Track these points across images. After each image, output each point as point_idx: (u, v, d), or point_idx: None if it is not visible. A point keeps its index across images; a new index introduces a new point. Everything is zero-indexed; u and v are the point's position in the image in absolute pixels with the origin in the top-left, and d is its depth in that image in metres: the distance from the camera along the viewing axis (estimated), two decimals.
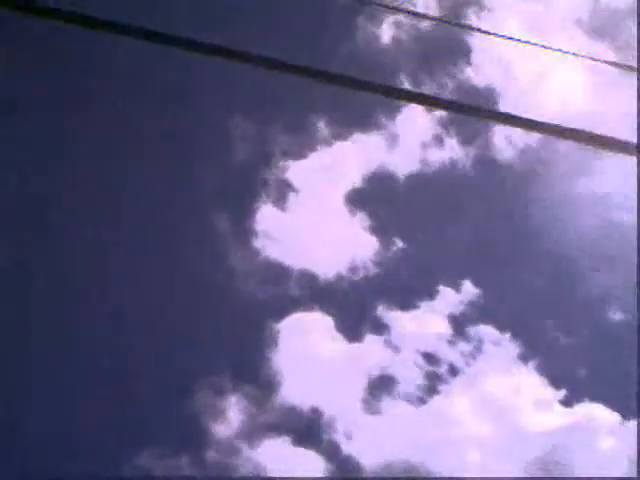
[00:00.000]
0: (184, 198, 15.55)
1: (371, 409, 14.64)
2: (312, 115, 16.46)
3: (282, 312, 15.04)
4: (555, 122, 4.26)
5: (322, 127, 16.53)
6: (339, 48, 16.36)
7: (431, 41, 16.83)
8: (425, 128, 16.80)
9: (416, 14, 16.76)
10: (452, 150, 16.37)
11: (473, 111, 4.65)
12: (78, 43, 13.51)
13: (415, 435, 14.19)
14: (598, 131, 4.14)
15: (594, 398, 13.67)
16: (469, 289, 15.20)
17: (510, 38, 7.18)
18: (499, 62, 16.73)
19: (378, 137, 16.73)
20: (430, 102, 4.80)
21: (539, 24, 16.79)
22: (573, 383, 14.13)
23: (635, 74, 7.92)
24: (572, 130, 4.25)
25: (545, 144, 15.91)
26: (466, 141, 16.59)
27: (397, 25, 16.71)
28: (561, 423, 13.54)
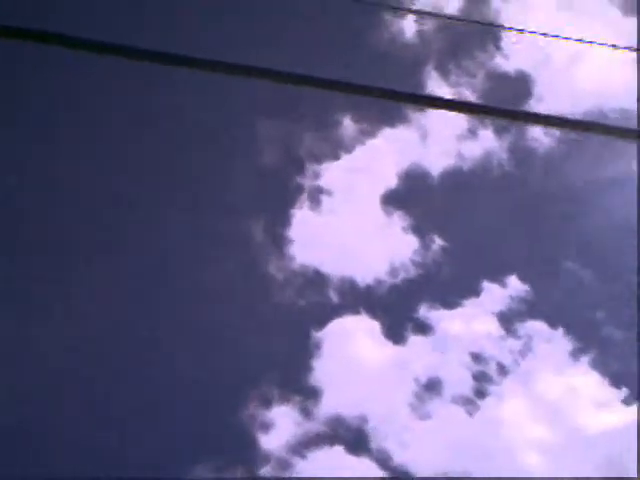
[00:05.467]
0: (218, 207, 15.25)
1: (421, 414, 14.25)
2: (338, 114, 16.06)
3: (324, 319, 14.70)
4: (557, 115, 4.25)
5: (350, 125, 16.13)
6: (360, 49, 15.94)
7: (448, 37, 16.38)
8: (457, 120, 16.36)
9: (435, 15, 16.39)
10: (486, 142, 15.93)
11: (479, 111, 4.47)
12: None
13: (468, 440, 13.77)
14: None
15: None
16: (515, 284, 14.76)
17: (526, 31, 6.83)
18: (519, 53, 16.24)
19: (409, 132, 16.31)
20: (445, 105, 4.48)
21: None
22: (632, 378, 13.65)
23: None
24: (575, 121, 4.20)
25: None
26: (500, 131, 16.14)
27: (417, 23, 16.25)
28: (623, 422, 13.05)
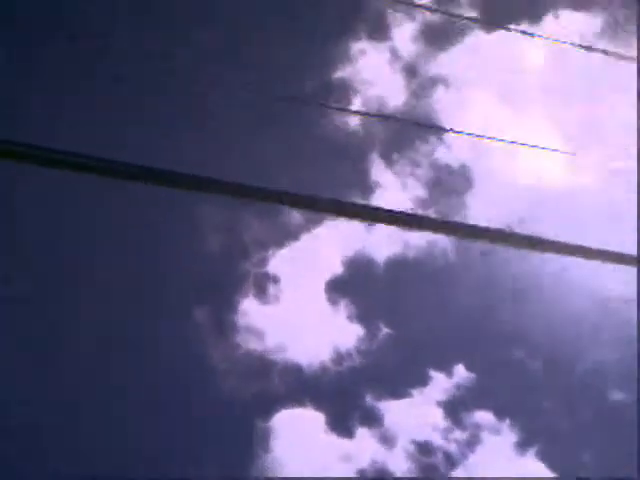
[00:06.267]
0: (163, 293, 14.98)
1: None
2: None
3: (269, 409, 14.38)
4: (553, 238, 4.39)
5: (295, 212, 16.11)
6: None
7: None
8: (403, 207, 16.42)
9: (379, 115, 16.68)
10: None
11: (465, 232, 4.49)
12: None
13: None
14: None
15: None
16: (462, 373, 14.69)
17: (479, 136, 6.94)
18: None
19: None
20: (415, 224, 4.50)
21: (512, 94, 16.68)
22: (578, 469, 13.57)
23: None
24: (570, 245, 4.31)
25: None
26: (444, 216, 16.22)
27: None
28: None
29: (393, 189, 16.45)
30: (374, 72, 16.94)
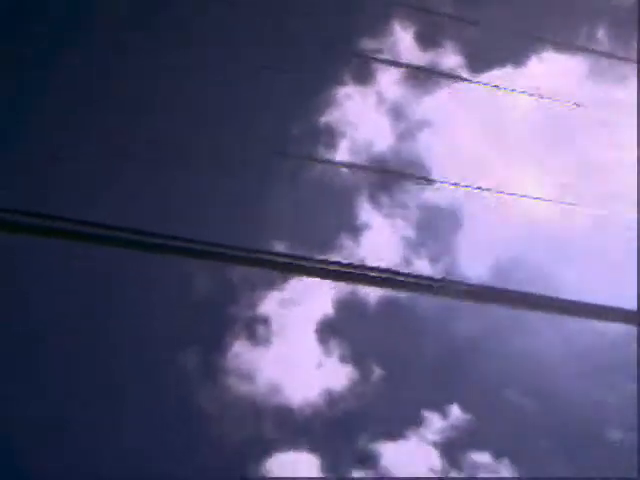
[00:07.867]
0: (150, 338, 14.70)
1: None
2: (271, 243, 15.88)
3: (261, 453, 14.05)
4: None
5: (284, 251, 15.91)
6: None
7: None
8: (391, 251, 16.36)
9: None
10: (422, 267, 15.91)
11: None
12: None
13: None
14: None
15: None
16: (457, 414, 14.46)
17: None
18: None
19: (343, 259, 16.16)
20: None
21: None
22: None
23: None
24: (569, 302, 4.30)
25: None
26: (434, 259, 16.19)
27: None
28: None
29: (381, 235, 16.39)
30: (359, 117, 16.95)
